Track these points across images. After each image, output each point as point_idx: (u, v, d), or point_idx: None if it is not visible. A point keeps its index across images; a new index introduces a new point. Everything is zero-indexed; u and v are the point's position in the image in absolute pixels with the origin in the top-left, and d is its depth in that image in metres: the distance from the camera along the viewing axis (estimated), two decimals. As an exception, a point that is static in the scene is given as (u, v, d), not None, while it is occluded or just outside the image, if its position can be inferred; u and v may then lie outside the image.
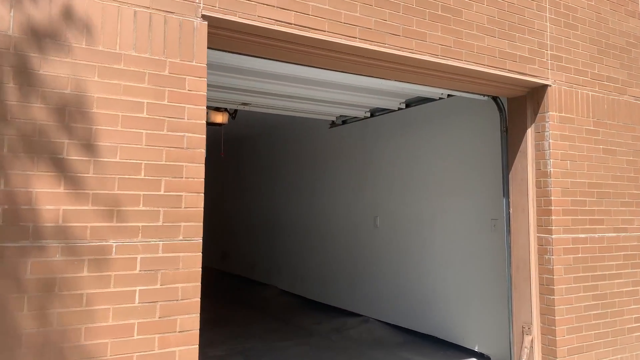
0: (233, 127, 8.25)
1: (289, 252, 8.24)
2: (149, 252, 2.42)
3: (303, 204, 7.99)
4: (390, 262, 6.14)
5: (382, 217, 6.28)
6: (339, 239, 7.06)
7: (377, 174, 6.42)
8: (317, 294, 7.48)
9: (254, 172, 9.70)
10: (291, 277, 8.12)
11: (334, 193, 7.23)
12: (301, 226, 7.96)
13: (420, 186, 5.76)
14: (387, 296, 6.14)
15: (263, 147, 9.37)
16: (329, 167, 7.38)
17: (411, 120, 5.89)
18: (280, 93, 4.99)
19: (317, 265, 7.46)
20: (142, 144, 2.44)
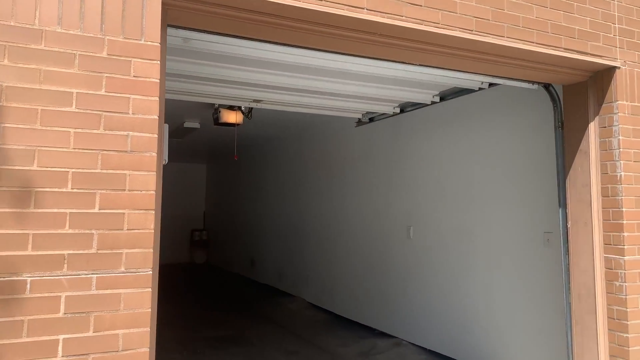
0: (255, 128, 7.72)
1: (317, 262, 7.60)
2: (78, 288, 1.84)
3: (330, 210, 7.34)
4: (425, 278, 5.39)
5: (416, 227, 5.54)
6: (369, 249, 6.36)
7: (410, 178, 5.68)
8: (345, 309, 6.80)
9: (280, 175, 9.14)
10: (319, 290, 7.49)
11: (363, 199, 6.54)
12: (329, 234, 7.31)
13: (459, 193, 4.99)
14: (422, 317, 5.39)
15: (289, 149, 8.79)
16: (357, 169, 6.69)
17: (447, 115, 5.13)
18: (294, 87, 4.37)
19: (346, 278, 6.79)
20: (69, 147, 1.87)
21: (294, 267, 8.30)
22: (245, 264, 10.50)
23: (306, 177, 8.13)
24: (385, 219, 6.07)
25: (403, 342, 5.62)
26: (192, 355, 5.18)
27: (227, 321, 6.69)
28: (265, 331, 6.22)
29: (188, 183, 13.23)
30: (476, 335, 4.73)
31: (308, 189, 8.04)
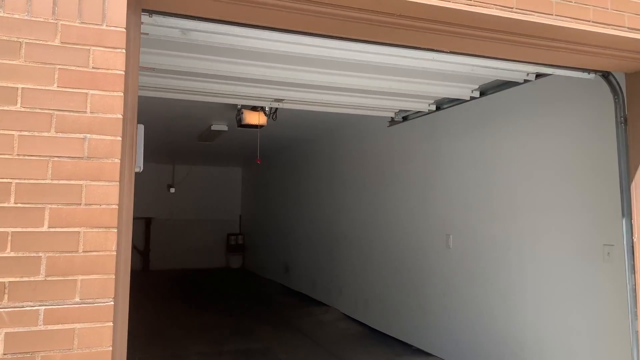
0: (285, 129, 7.41)
1: (351, 270, 7.19)
2: (22, 323, 1.53)
3: (364, 216, 6.91)
4: (465, 293, 4.88)
5: (456, 236, 5.03)
6: (404, 258, 5.89)
7: (449, 182, 5.18)
8: (380, 322, 6.35)
9: (312, 179, 8.78)
10: (352, 300, 7.07)
11: (398, 204, 6.08)
12: (362, 241, 6.88)
13: (504, 199, 4.46)
14: (462, 335, 4.88)
15: (320, 151, 8.42)
16: (391, 173, 6.24)
17: (489, 112, 4.61)
18: (316, 84, 4.00)
19: (382, 289, 6.34)
20: (12, 154, 1.56)
21: (328, 275, 7.92)
22: (279, 270, 10.21)
23: (338, 181, 7.74)
24: (422, 226, 5.59)
25: (441, 362, 5.13)
26: (214, 371, 4.89)
27: (255, 332, 6.38)
28: (293, 345, 5.86)
29: (224, 187, 13.10)
30: (525, 358, 4.18)
31: (340, 193, 7.65)
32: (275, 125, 6.97)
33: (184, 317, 7.19)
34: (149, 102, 5.59)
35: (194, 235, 12.68)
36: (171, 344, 5.78)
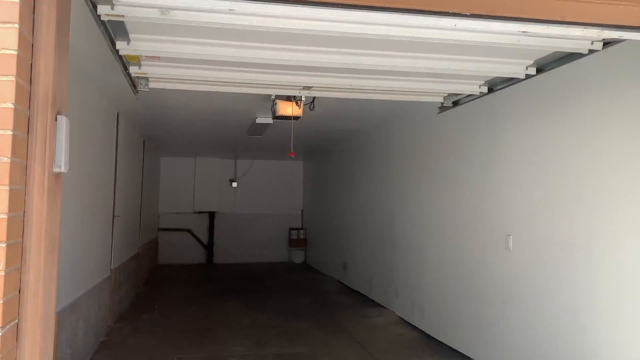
0: (334, 121, 7.01)
1: (407, 272, 6.67)
2: None
3: (419, 214, 6.35)
4: (528, 302, 4.24)
5: (517, 237, 4.39)
6: (461, 261, 5.30)
7: (507, 175, 4.53)
8: (437, 329, 5.80)
9: (366, 173, 8.31)
10: (409, 304, 6.55)
11: (454, 200, 5.48)
12: (419, 242, 6.33)
13: (573, 195, 3.78)
14: (525, 351, 4.24)
15: (373, 144, 7.93)
16: (446, 167, 5.64)
17: (551, 92, 3.92)
18: (346, 66, 3.57)
19: (438, 293, 5.78)
20: None
21: (384, 276, 7.44)
22: (338, 267, 9.86)
23: (393, 176, 7.22)
24: (479, 226, 4.97)
25: (501, 378, 4.52)
26: (250, 376, 4.65)
27: (303, 334, 6.08)
28: (340, 350, 5.49)
29: (286, 181, 12.95)
30: (596, 386, 3.51)
31: (395, 189, 7.13)
32: (323, 117, 6.60)
33: (235, 315, 7.05)
34: (188, 96, 5.44)
35: (256, 229, 12.67)
36: (215, 344, 5.62)
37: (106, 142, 5.80)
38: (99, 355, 5.08)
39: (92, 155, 5.07)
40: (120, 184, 6.55)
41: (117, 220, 6.44)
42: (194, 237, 12.25)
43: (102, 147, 5.57)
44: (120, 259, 6.80)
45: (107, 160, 5.82)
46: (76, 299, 4.40)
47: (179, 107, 6.20)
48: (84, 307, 4.70)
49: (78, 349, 4.51)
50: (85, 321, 4.74)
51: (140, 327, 6.22)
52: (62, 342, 3.99)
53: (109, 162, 5.95)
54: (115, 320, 6.41)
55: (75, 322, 4.39)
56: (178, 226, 12.16)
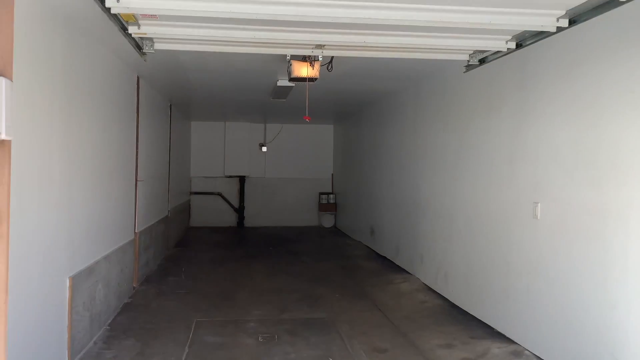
0: (357, 84, 6.73)
1: (433, 238, 6.46)
2: None
3: (446, 179, 6.09)
4: (555, 274, 3.98)
5: (546, 205, 4.10)
6: (487, 228, 5.05)
7: (537, 137, 4.21)
8: (461, 298, 5.62)
9: (395, 137, 8.02)
10: (434, 271, 6.37)
11: (482, 166, 5.19)
12: (445, 208, 6.09)
13: (610, 159, 3.45)
14: (552, 325, 4.02)
15: (401, 106, 7.62)
16: (474, 129, 5.32)
17: (585, 46, 3.54)
18: (360, 22, 3.31)
19: (463, 261, 5.57)
20: None
21: (410, 242, 7.26)
22: (366, 232, 9.73)
23: (420, 140, 6.92)
24: (506, 192, 4.69)
25: (525, 352, 4.34)
26: (266, 341, 4.63)
27: (324, 300, 6.03)
28: (360, 317, 5.40)
29: (316, 145, 12.78)
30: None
31: (422, 153, 6.85)
32: (347, 78, 6.34)
33: (259, 279, 7.08)
34: (203, 58, 5.29)
35: (286, 193, 12.66)
36: (235, 307, 5.65)
37: (126, 106, 5.77)
38: (121, 317, 5.19)
39: (110, 119, 5.04)
40: (143, 149, 6.55)
41: (141, 185, 6.48)
42: (225, 201, 12.37)
43: (121, 111, 5.53)
44: (146, 222, 6.88)
45: (127, 125, 5.80)
46: (93, 263, 4.45)
47: (198, 69, 6.07)
48: (104, 270, 4.77)
49: (98, 311, 4.60)
50: (105, 284, 4.82)
51: (164, 290, 6.33)
52: (79, 305, 4.06)
53: (129, 126, 5.93)
54: (142, 283, 6.55)
55: (93, 285, 4.45)
56: (209, 190, 12.28)
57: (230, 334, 4.80)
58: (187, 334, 4.75)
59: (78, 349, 4.08)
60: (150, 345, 4.43)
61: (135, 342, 4.51)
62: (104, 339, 4.56)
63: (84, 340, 4.23)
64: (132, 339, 4.58)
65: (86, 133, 4.29)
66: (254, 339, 4.69)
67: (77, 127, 4.04)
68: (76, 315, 4.00)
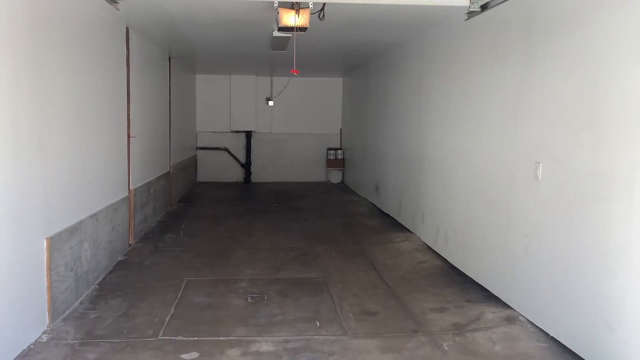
0: (358, 34, 6.33)
1: (433, 197, 6.22)
2: None
3: (446, 135, 5.78)
4: (554, 238, 3.74)
5: (547, 166, 3.81)
6: (487, 189, 4.79)
7: (543, 95, 3.86)
8: (459, 259, 5.44)
9: (400, 90, 7.65)
10: (434, 230, 6.17)
11: (483, 122, 4.87)
12: (446, 165, 5.81)
13: (615, 116, 3.13)
14: (549, 291, 3.82)
15: (408, 57, 7.20)
16: (476, 79, 4.97)
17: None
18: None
19: (463, 221, 5.35)
20: None
21: (412, 199, 7.04)
22: (371, 189, 9.52)
23: (424, 93, 6.57)
24: (508, 150, 4.39)
25: (520, 317, 4.17)
26: (255, 302, 4.55)
27: (320, 259, 5.92)
28: (355, 277, 5.28)
29: (324, 99, 12.40)
30: (623, 337, 3.08)
31: (426, 107, 6.50)
32: (347, 27, 5.96)
33: (258, 236, 6.99)
34: (190, 9, 4.97)
35: (294, 149, 12.44)
36: (229, 266, 5.58)
37: (114, 59, 5.52)
38: (112, 276, 5.15)
39: (93, 73, 4.82)
40: (136, 104, 6.35)
41: (135, 141, 6.32)
42: (232, 156, 12.22)
43: (108, 63, 5.29)
44: (143, 179, 6.77)
45: (115, 78, 5.57)
46: (77, 223, 4.35)
47: (187, 21, 5.75)
48: (90, 229, 4.68)
49: (85, 270, 4.54)
50: (93, 243, 4.75)
51: (160, 247, 6.28)
52: (60, 266, 3.99)
53: (118, 80, 5.70)
54: (139, 240, 6.51)
55: (78, 245, 4.38)
56: (216, 145, 12.13)
57: (219, 294, 4.73)
58: (175, 293, 4.70)
59: (61, 309, 4.04)
60: (136, 306, 4.38)
61: (121, 302, 4.47)
62: (91, 298, 4.52)
63: (69, 300, 4.19)
64: (119, 299, 4.54)
65: (62, 87, 4.08)
66: (243, 300, 4.61)
67: (50, 81, 3.83)
68: (57, 276, 3.94)
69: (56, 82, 3.96)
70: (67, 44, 4.19)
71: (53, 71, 3.90)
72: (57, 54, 3.98)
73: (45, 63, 3.74)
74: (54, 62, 3.91)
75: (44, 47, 3.71)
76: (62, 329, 3.86)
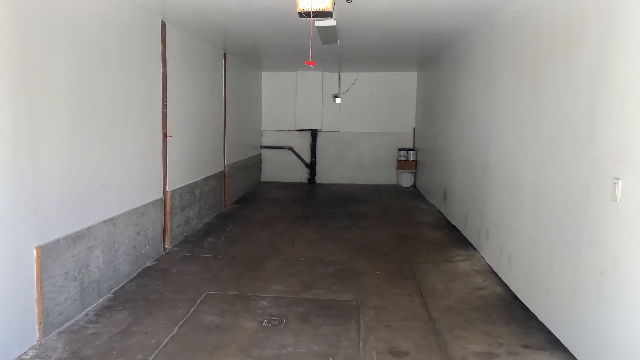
0: (422, 19, 5.53)
1: (498, 212, 5.27)
2: None
3: (513, 141, 4.83)
4: (637, 279, 2.77)
5: (630, 183, 2.84)
6: (555, 209, 3.83)
7: (627, 90, 2.89)
8: (523, 290, 4.48)
9: (468, 84, 6.69)
10: (498, 250, 5.23)
11: (553, 122, 3.91)
12: (512, 176, 4.86)
13: None
14: (628, 350, 2.85)
15: (475, 46, 6.24)
16: (548, 73, 4.02)
17: None
18: None
19: (528, 245, 4.39)
20: None
21: (478, 211, 6.09)
22: (439, 195, 8.59)
23: (491, 86, 5.60)
24: (582, 160, 3.42)
25: (590, 377, 3.20)
26: (271, 327, 4.00)
27: (361, 277, 5.24)
28: (393, 304, 4.54)
29: (396, 95, 11.55)
30: None
31: (492, 105, 5.55)
32: (397, 14, 5.19)
33: (301, 245, 6.45)
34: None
35: (362, 149, 11.74)
36: (257, 279, 5.09)
37: (146, 55, 5.26)
38: (132, 284, 4.88)
39: (110, 70, 4.56)
40: (174, 103, 6.08)
41: (173, 141, 6.06)
42: (296, 156, 11.81)
43: (134, 60, 5.03)
44: (184, 180, 6.52)
45: (145, 76, 5.30)
46: (84, 229, 4.09)
47: (218, 11, 5.32)
48: (104, 235, 4.42)
49: (95, 279, 4.29)
50: (108, 250, 4.49)
51: (195, 253, 5.97)
52: (57, 276, 3.73)
53: (150, 78, 5.43)
54: (177, 243, 6.26)
55: (86, 252, 4.11)
56: (280, 144, 11.79)
57: (234, 313, 4.24)
58: (187, 309, 4.29)
59: (59, 321, 3.78)
60: (140, 321, 4.03)
61: (127, 315, 4.15)
62: (99, 309, 4.25)
63: (70, 312, 3.93)
64: (127, 312, 4.22)
65: (56, 80, 3.81)
66: (258, 323, 4.09)
67: (46, 77, 3.56)
68: (52, 287, 3.68)
69: (55, 80, 3.69)
70: (75, 36, 3.91)
71: (48, 64, 3.62)
72: (56, 49, 3.71)
73: (43, 55, 3.47)
74: (53, 57, 3.63)
75: (42, 41, 3.44)
76: (51, 345, 3.58)
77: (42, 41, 3.50)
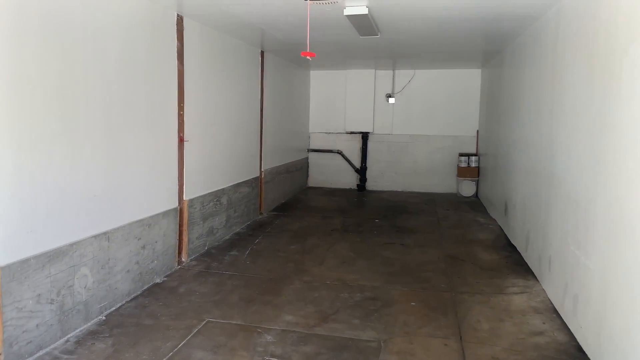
0: (474, 7, 4.67)
1: (563, 235, 4.26)
2: None
3: (582, 150, 3.83)
4: None
5: None
6: (633, 241, 2.84)
7: None
8: (590, 340, 3.49)
9: (532, 81, 5.66)
10: (562, 286, 4.22)
11: (632, 129, 2.93)
12: (582, 193, 3.86)
13: None
14: None
15: (541, 37, 5.21)
16: (627, 70, 3.03)
17: None
18: None
19: (599, 285, 3.39)
20: None
21: (540, 233, 5.07)
22: (500, 208, 7.52)
23: (558, 89, 4.60)
24: None
25: None
26: (265, 371, 3.35)
27: (390, 309, 4.46)
28: (422, 348, 3.71)
29: (458, 94, 10.48)
30: None
31: (559, 109, 4.55)
32: None
33: (331, 264, 5.72)
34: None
35: (418, 153, 10.78)
36: (269, 305, 4.45)
37: (153, 52, 4.79)
38: (131, 304, 4.41)
39: (120, 67, 4.11)
40: (194, 105, 5.59)
41: (192, 146, 5.57)
42: (346, 160, 11.07)
43: (146, 58, 4.56)
44: (207, 187, 6.02)
45: (154, 75, 4.84)
46: (65, 245, 3.64)
47: (234, 3, 4.74)
48: (94, 251, 3.96)
49: (80, 301, 3.84)
50: (99, 267, 4.03)
51: (212, 268, 5.43)
52: (26, 299, 3.29)
53: (161, 77, 4.96)
54: (196, 256, 5.77)
55: (66, 272, 3.66)
56: (329, 148, 11.11)
57: (230, 349, 3.63)
58: (178, 341, 3.73)
59: (28, 351, 3.35)
60: (120, 355, 3.51)
61: (109, 346, 3.64)
62: (81, 336, 3.79)
63: (44, 340, 3.49)
64: (111, 341, 3.72)
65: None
66: (254, 364, 3.44)
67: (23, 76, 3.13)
68: (17, 312, 3.24)
69: (42, 78, 3.25)
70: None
71: (33, 62, 3.18)
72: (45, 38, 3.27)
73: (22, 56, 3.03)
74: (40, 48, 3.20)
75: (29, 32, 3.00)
76: (9, 382, 3.14)
77: (29, 40, 3.07)
